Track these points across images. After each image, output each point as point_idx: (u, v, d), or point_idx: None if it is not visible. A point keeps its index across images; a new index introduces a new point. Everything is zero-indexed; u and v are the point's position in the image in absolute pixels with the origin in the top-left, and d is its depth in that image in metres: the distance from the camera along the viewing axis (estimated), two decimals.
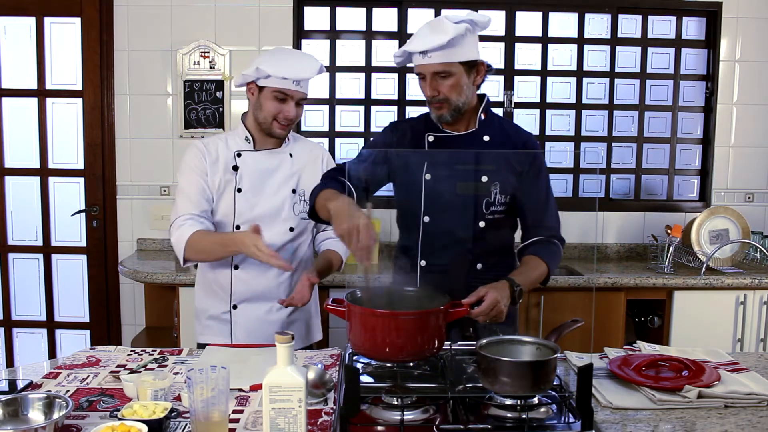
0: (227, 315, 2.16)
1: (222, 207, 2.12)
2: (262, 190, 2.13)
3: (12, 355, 3.77)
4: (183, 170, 2.13)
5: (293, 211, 2.15)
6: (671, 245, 3.33)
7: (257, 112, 2.10)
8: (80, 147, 3.62)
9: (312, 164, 2.21)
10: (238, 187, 2.11)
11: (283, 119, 2.07)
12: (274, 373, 1.25)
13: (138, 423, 1.29)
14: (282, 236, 2.13)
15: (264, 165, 2.14)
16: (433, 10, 3.64)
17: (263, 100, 2.07)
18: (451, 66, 1.88)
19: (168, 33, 3.52)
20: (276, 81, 2.03)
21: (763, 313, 3.23)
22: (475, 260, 2.01)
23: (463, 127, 2.01)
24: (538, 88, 3.72)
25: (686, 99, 3.79)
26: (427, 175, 1.98)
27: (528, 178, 2.00)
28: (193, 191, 2.10)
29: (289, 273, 2.14)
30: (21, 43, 3.59)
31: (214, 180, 2.11)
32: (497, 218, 2.00)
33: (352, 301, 1.62)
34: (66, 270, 3.73)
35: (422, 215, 2.00)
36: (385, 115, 3.71)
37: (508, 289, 1.82)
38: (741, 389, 1.58)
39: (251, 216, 2.10)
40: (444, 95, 1.90)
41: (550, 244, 2.02)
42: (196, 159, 2.12)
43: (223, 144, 2.15)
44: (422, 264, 2.02)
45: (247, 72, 2.07)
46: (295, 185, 2.16)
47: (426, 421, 1.42)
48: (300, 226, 2.17)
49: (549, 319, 3.10)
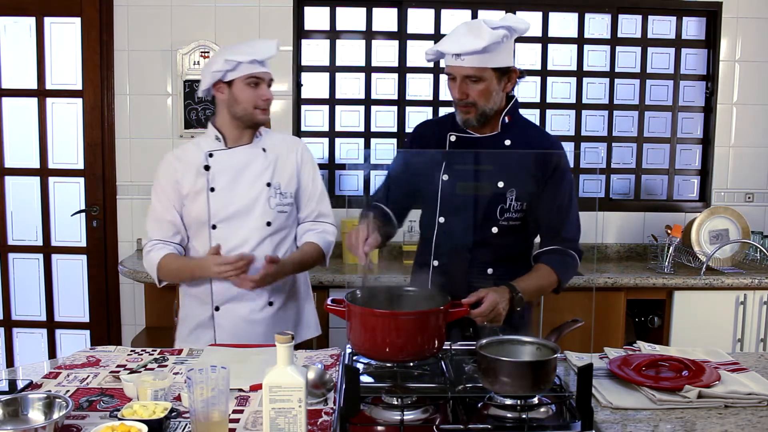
0: (210, 319, 2.14)
1: (196, 209, 2.11)
2: (236, 187, 2.11)
3: (12, 355, 3.77)
4: (154, 187, 2.17)
5: (269, 205, 2.12)
6: (671, 245, 3.33)
7: (234, 107, 2.09)
8: (80, 147, 3.62)
9: (287, 156, 2.19)
10: (210, 187, 2.10)
11: (263, 103, 2.09)
12: (274, 373, 1.25)
13: (138, 423, 1.29)
14: (260, 231, 2.11)
15: (237, 161, 2.12)
16: (433, 10, 3.64)
17: (237, 93, 2.07)
18: (483, 71, 1.85)
19: (168, 33, 3.52)
20: (245, 68, 2.04)
21: (763, 313, 3.23)
22: (486, 265, 1.98)
23: (487, 129, 1.97)
24: (538, 88, 3.72)
25: (686, 99, 3.79)
26: (445, 175, 1.97)
27: (548, 185, 1.94)
28: (160, 216, 2.14)
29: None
30: (21, 43, 3.59)
31: (186, 185, 2.11)
32: (512, 225, 1.95)
33: (352, 301, 1.62)
34: (66, 270, 3.73)
35: (438, 215, 1.99)
36: (385, 115, 3.70)
37: (508, 293, 1.81)
38: (741, 389, 1.58)
39: (227, 214, 2.10)
40: (472, 99, 1.88)
41: (566, 255, 1.96)
42: (166, 175, 2.14)
43: (195, 147, 2.15)
44: (435, 264, 2.02)
45: (214, 69, 2.06)
46: (269, 178, 2.13)
47: (426, 421, 1.42)
48: (278, 220, 2.14)
49: (549, 319, 3.10)
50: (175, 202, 2.13)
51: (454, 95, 1.92)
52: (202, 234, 2.13)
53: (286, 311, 2.20)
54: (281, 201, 2.14)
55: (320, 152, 3.72)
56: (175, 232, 2.15)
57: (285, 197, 2.16)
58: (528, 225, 1.98)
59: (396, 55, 3.67)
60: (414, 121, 3.67)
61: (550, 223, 1.98)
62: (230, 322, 2.13)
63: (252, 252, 2.08)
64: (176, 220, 2.14)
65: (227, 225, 2.10)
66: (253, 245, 2.10)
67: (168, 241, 2.14)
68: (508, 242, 1.98)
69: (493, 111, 1.92)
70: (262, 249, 2.10)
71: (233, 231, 2.10)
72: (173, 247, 2.14)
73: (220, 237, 2.09)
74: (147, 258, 2.14)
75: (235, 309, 2.13)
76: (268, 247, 2.12)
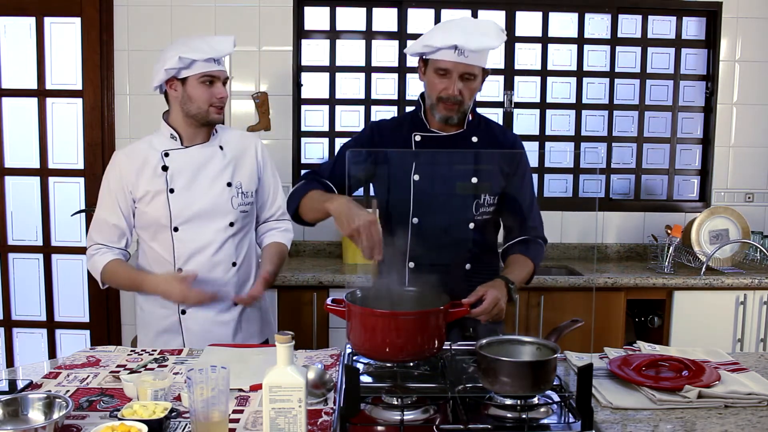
0: (177, 324, 2.10)
1: (154, 210, 2.05)
2: (196, 188, 2.06)
3: (12, 355, 3.77)
4: (102, 188, 2.11)
5: (231, 205, 2.09)
6: (671, 245, 3.33)
7: (187, 105, 2.03)
8: (80, 147, 3.62)
9: (245, 154, 2.15)
10: (170, 188, 2.04)
11: (218, 102, 2.03)
12: (274, 373, 1.25)
13: (138, 423, 1.29)
14: (222, 233, 2.08)
15: (195, 161, 2.07)
16: (433, 10, 3.64)
17: (191, 91, 2.01)
18: (478, 70, 1.90)
19: (168, 33, 3.52)
20: (200, 66, 1.99)
21: (763, 313, 3.23)
22: (464, 261, 2.01)
23: (452, 128, 2.00)
24: (538, 88, 3.72)
25: (686, 99, 3.79)
26: (416, 175, 1.96)
27: (514, 178, 2.02)
28: (103, 219, 2.09)
29: (235, 269, 2.11)
30: (21, 43, 3.59)
31: (143, 186, 2.04)
32: (486, 219, 2.00)
33: (352, 301, 1.62)
34: (66, 270, 3.73)
35: (411, 216, 1.98)
36: (386, 115, 3.70)
37: (505, 287, 1.84)
38: (741, 389, 1.58)
39: (189, 215, 2.05)
40: (461, 97, 1.90)
41: (535, 243, 2.04)
42: (115, 176, 2.08)
43: (148, 146, 2.08)
44: (411, 266, 2.00)
45: (168, 66, 1.99)
46: (229, 178, 2.09)
47: (426, 421, 1.42)
48: (240, 219, 2.11)
49: (549, 319, 3.10)
50: (122, 205, 2.07)
51: (440, 91, 1.90)
52: (162, 236, 2.07)
53: (253, 310, 2.18)
54: (243, 201, 2.11)
55: (320, 152, 3.72)
56: (119, 235, 2.09)
57: (246, 197, 2.13)
58: (497, 218, 2.06)
59: (396, 55, 3.67)
60: None
61: (517, 215, 2.04)
62: (199, 326, 2.09)
63: (215, 254, 2.07)
64: (121, 223, 2.08)
65: (189, 227, 2.05)
66: (216, 247, 2.07)
67: (111, 246, 2.08)
68: (483, 236, 2.02)
69: (469, 108, 1.97)
70: (225, 250, 2.08)
71: (196, 233, 2.06)
72: (117, 252, 2.09)
73: (182, 239, 2.05)
74: (89, 262, 2.09)
75: (202, 312, 2.08)
76: (230, 248, 2.09)
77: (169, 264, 2.07)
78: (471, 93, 1.92)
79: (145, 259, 2.15)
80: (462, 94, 1.89)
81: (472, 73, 1.88)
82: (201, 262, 2.06)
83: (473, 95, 1.94)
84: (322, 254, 3.65)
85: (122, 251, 2.11)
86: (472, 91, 1.92)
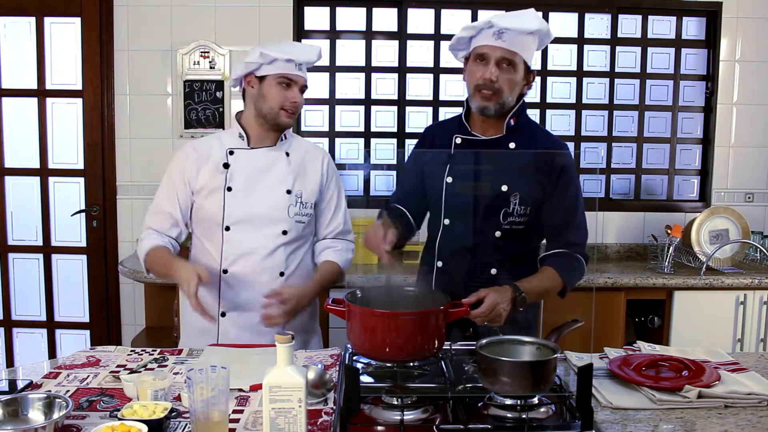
0: (215, 324, 2.04)
1: (210, 206, 2.04)
2: (254, 190, 2.04)
3: (12, 355, 3.77)
4: (165, 176, 2.11)
5: (288, 213, 2.05)
6: (671, 245, 3.33)
7: (260, 103, 2.02)
8: (80, 147, 3.62)
9: (311, 165, 2.13)
10: (228, 186, 2.03)
11: (291, 106, 2.01)
12: (274, 373, 1.25)
13: (138, 423, 1.29)
14: (274, 240, 2.04)
15: (258, 163, 2.06)
16: (433, 10, 3.64)
17: (266, 90, 2.01)
18: (518, 57, 1.85)
19: (168, 33, 3.52)
20: (280, 66, 1.98)
21: (763, 313, 3.23)
22: (489, 267, 1.97)
23: (492, 131, 1.95)
24: (539, 88, 3.72)
25: (686, 99, 3.79)
26: (449, 177, 1.96)
27: (554, 188, 1.92)
28: (160, 205, 2.08)
29: (282, 279, 2.05)
30: (21, 43, 3.59)
31: (201, 180, 2.04)
32: (515, 229, 1.93)
33: (352, 301, 1.62)
34: (66, 270, 3.73)
35: (443, 217, 1.99)
36: (385, 115, 3.71)
37: (510, 293, 1.79)
38: (741, 389, 1.58)
39: (242, 215, 2.03)
40: (499, 85, 1.85)
41: (572, 258, 1.94)
42: (179, 165, 2.07)
43: (218, 142, 2.09)
44: (438, 265, 2.02)
45: (250, 59, 1.99)
46: (290, 186, 2.06)
47: (426, 421, 1.42)
48: (295, 230, 2.07)
49: (549, 319, 3.10)
50: (180, 194, 2.06)
51: (479, 77, 1.86)
52: (214, 234, 2.05)
53: (295, 322, 2.08)
54: (300, 211, 2.07)
55: None
56: (172, 224, 2.08)
57: (305, 207, 2.08)
58: (532, 229, 1.96)
59: (396, 55, 3.67)
60: (414, 121, 3.67)
61: (556, 227, 1.96)
62: (236, 330, 2.05)
63: (263, 260, 2.03)
64: (176, 212, 2.07)
65: (241, 228, 2.03)
66: (265, 253, 2.03)
67: (163, 233, 2.07)
68: (512, 246, 1.96)
69: (509, 105, 1.90)
70: (275, 258, 2.05)
71: (247, 235, 2.03)
72: (167, 240, 2.07)
73: (232, 239, 2.03)
74: (139, 245, 2.09)
75: (241, 317, 2.05)
76: (281, 257, 2.05)
77: (216, 263, 2.05)
78: (510, 84, 1.86)
79: (196, 254, 2.13)
80: (499, 81, 1.84)
81: (510, 60, 1.83)
82: (247, 266, 2.03)
83: (513, 88, 1.87)
84: None
85: (171, 240, 2.09)
86: (511, 81, 1.86)
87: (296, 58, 1.99)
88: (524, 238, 1.97)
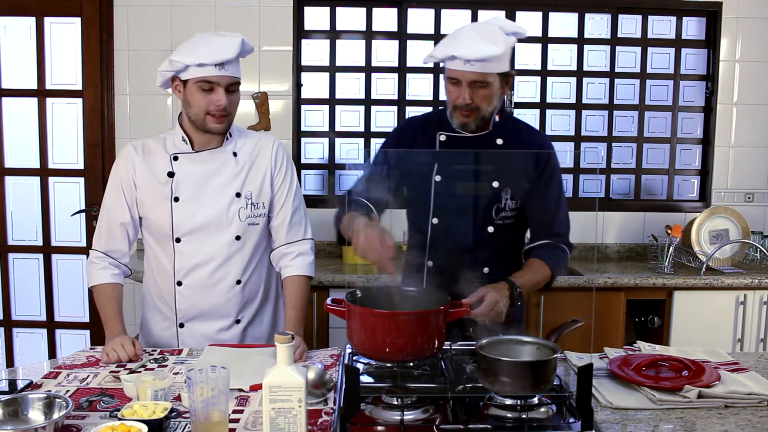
0: (174, 337, 2.01)
1: (157, 218, 1.94)
2: (201, 197, 1.92)
3: (12, 355, 3.77)
4: (108, 184, 1.98)
5: (239, 217, 1.94)
6: (671, 245, 3.33)
7: (188, 110, 1.89)
8: (80, 147, 3.62)
9: (259, 160, 1.99)
10: (174, 196, 1.92)
11: (216, 110, 1.85)
12: (274, 373, 1.25)
13: (138, 423, 1.29)
14: (227, 247, 1.94)
15: (204, 168, 1.93)
16: (433, 10, 3.64)
17: (189, 96, 1.86)
18: (490, 77, 1.84)
19: (168, 33, 3.52)
20: (195, 70, 1.82)
21: (763, 313, 3.23)
22: (482, 264, 1.98)
23: (478, 128, 1.97)
24: (538, 88, 3.72)
25: (686, 99, 3.79)
26: (437, 176, 1.96)
27: (539, 182, 1.97)
28: (115, 217, 1.96)
29: (239, 288, 1.98)
30: (21, 43, 3.59)
31: (148, 188, 1.94)
32: (507, 223, 1.97)
33: (352, 301, 1.62)
34: (66, 270, 3.73)
35: (431, 216, 1.98)
36: (385, 115, 3.71)
37: (508, 290, 1.82)
38: (741, 389, 1.58)
39: (192, 226, 1.92)
40: (476, 104, 1.87)
41: (557, 248, 1.99)
42: (122, 170, 1.96)
43: (161, 146, 1.97)
44: (429, 264, 2.02)
45: (162, 68, 1.86)
46: (239, 188, 1.95)
47: (426, 421, 1.42)
48: (249, 233, 1.97)
49: (549, 319, 3.10)
50: (128, 198, 1.95)
51: (455, 99, 1.89)
52: (165, 245, 1.96)
53: (256, 328, 2.06)
54: (253, 212, 1.96)
55: (320, 152, 3.72)
56: (127, 241, 1.98)
57: (257, 208, 1.97)
58: (521, 222, 2.01)
59: (396, 55, 3.66)
60: None
61: (541, 219, 2.00)
62: (195, 341, 1.99)
63: (218, 269, 1.94)
64: (127, 220, 1.96)
65: (193, 239, 1.93)
66: (220, 261, 1.95)
67: (117, 261, 1.98)
68: (504, 240, 2.00)
69: (491, 114, 1.93)
70: (230, 266, 1.96)
71: (199, 245, 1.94)
72: (117, 274, 1.99)
73: (184, 251, 1.94)
74: (88, 267, 1.99)
75: (200, 327, 1.99)
76: (237, 265, 1.96)
77: (170, 275, 1.97)
78: (486, 99, 1.87)
79: (149, 265, 2.06)
80: (474, 101, 1.86)
81: (483, 81, 1.84)
82: (203, 276, 1.95)
83: (491, 101, 1.88)
84: (322, 254, 3.64)
85: (124, 268, 2.01)
86: (487, 97, 1.87)
87: (209, 60, 1.81)
88: (514, 232, 2.02)
